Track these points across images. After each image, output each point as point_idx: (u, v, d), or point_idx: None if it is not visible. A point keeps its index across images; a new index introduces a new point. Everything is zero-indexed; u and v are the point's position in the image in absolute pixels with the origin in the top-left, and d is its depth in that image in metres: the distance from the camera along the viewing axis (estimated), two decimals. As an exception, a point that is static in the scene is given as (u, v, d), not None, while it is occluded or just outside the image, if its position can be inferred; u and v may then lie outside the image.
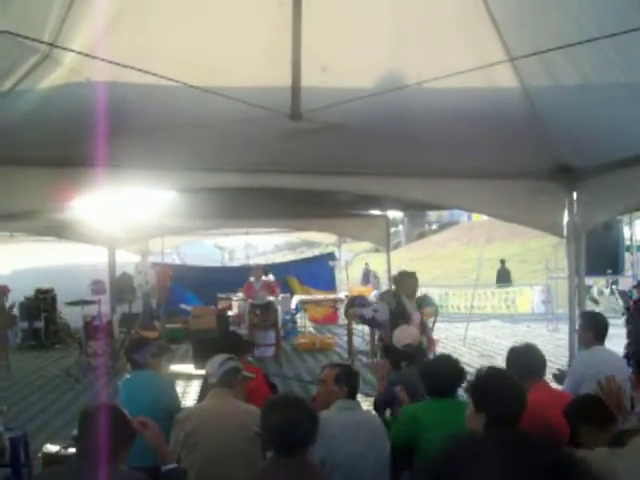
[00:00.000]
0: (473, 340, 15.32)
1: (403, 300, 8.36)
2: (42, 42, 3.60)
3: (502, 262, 26.68)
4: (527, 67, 4.21)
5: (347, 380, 4.30)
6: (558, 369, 5.30)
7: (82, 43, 3.65)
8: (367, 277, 25.55)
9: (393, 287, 9.35)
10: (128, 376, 5.32)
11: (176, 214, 11.86)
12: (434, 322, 12.62)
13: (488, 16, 3.84)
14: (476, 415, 3.11)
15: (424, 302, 12.82)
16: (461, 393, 4.38)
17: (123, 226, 12.29)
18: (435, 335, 12.84)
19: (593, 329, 5.50)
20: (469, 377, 4.38)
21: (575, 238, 6.42)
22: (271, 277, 15.51)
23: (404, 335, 5.94)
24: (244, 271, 16.94)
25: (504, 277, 25.69)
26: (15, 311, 14.83)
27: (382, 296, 10.15)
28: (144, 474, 3.25)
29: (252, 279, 14.25)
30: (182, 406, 5.43)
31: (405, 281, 8.54)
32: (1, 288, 14.65)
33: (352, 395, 4.30)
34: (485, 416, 3.05)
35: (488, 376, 3.35)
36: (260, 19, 3.83)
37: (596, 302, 19.04)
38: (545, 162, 6.06)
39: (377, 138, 5.25)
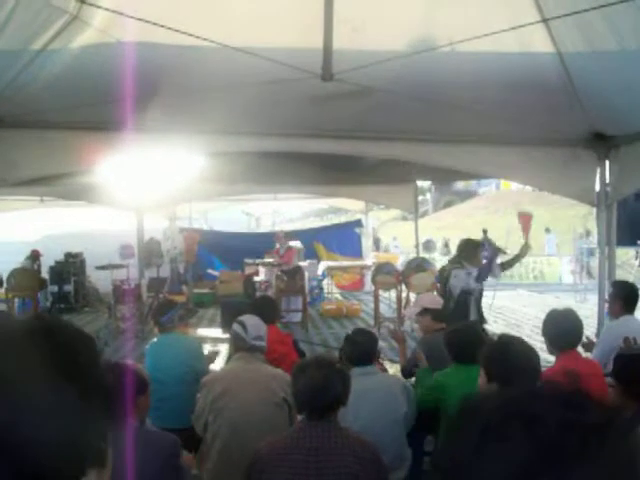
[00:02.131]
0: (500, 309, 15.25)
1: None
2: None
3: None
4: (562, 30, 4.10)
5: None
6: (587, 337, 5.22)
7: (111, 2, 3.62)
8: (377, 244, 25.58)
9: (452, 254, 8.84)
10: (155, 339, 5.36)
11: (204, 179, 11.85)
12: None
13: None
14: (487, 385, 3.10)
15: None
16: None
17: (151, 191, 12.32)
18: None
19: (622, 298, 5.43)
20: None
21: (606, 207, 6.32)
22: (298, 243, 15.53)
23: (437, 297, 5.96)
24: (271, 237, 16.98)
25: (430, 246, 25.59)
26: (45, 274, 15.03)
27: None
28: (175, 436, 3.28)
29: (278, 245, 14.31)
30: (209, 369, 5.47)
31: (473, 251, 7.79)
32: (33, 252, 14.86)
33: (360, 361, 4.31)
34: (496, 386, 3.02)
35: (501, 345, 3.32)
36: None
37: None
38: (579, 129, 5.95)
39: (407, 102, 5.18)
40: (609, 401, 3.66)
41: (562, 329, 4.44)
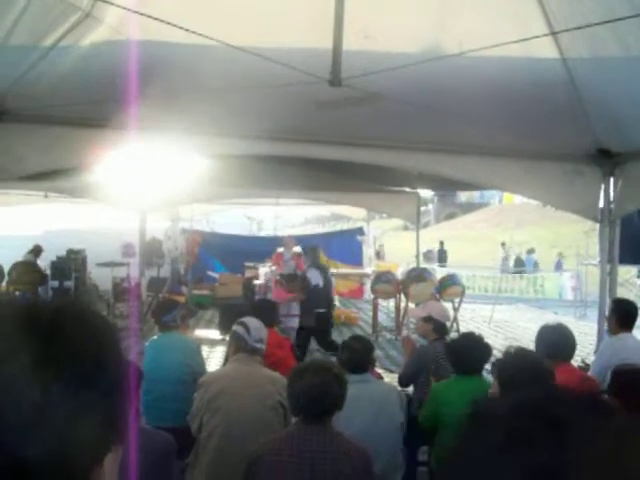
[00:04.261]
0: (498, 322, 15.24)
1: None
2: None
3: (441, 243, 26.65)
4: (569, 39, 4.10)
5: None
6: (583, 361, 5.24)
7: (124, 1, 3.64)
8: (379, 254, 25.57)
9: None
10: (155, 337, 5.36)
11: (207, 181, 11.86)
12: (460, 302, 12.61)
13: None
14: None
15: (450, 281, 12.85)
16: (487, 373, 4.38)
17: (155, 191, 12.34)
18: (460, 315, 12.85)
19: (620, 315, 5.43)
20: (494, 357, 4.37)
21: (609, 223, 6.32)
22: (299, 249, 15.53)
23: (447, 311, 5.98)
24: (272, 242, 16.98)
25: (443, 257, 25.64)
26: (46, 270, 15.03)
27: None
28: (169, 435, 3.28)
29: (282, 250, 14.26)
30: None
31: None
32: (35, 247, 14.88)
33: (356, 369, 4.31)
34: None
35: (516, 357, 3.32)
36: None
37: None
38: (584, 145, 5.96)
39: (413, 111, 5.18)
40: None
41: (552, 343, 4.45)
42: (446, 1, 3.87)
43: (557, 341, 4.47)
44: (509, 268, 28.57)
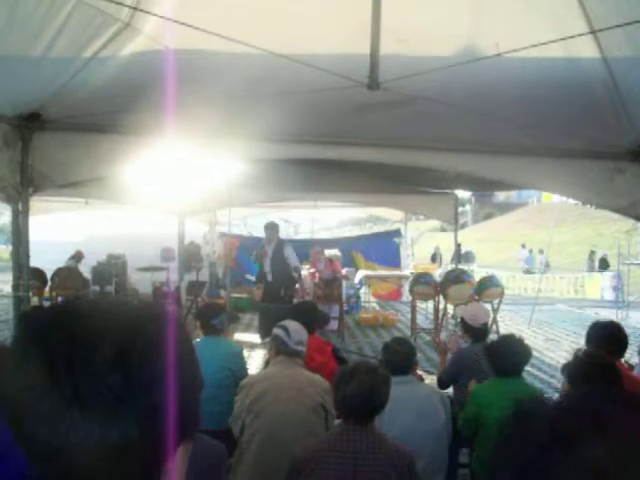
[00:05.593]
0: (538, 323, 15.09)
1: None
2: (124, 5, 3.65)
3: (458, 245, 26.50)
4: (609, 37, 4.05)
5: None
6: (626, 361, 5.16)
7: (162, 10, 3.69)
8: (435, 258, 25.46)
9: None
10: (199, 340, 5.41)
11: (245, 185, 11.96)
12: (499, 303, 12.51)
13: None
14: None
15: (490, 283, 12.75)
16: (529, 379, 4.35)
17: (193, 196, 12.48)
18: (500, 317, 12.75)
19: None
20: (535, 362, 4.32)
21: (652, 222, 6.24)
22: (336, 252, 15.54)
23: (481, 314, 5.89)
24: (309, 245, 17.02)
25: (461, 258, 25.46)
26: (87, 275, 15.27)
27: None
28: (222, 444, 3.29)
29: (313, 256, 14.35)
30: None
31: None
32: (77, 252, 15.13)
33: (399, 370, 4.31)
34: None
35: (586, 359, 3.32)
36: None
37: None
38: (625, 142, 5.88)
39: (450, 112, 5.17)
40: None
41: (604, 339, 4.39)
42: (481, 2, 3.85)
43: (610, 338, 4.41)
44: (532, 268, 28.49)
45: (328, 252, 15.14)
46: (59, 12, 3.58)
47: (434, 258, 25.51)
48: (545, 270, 28.15)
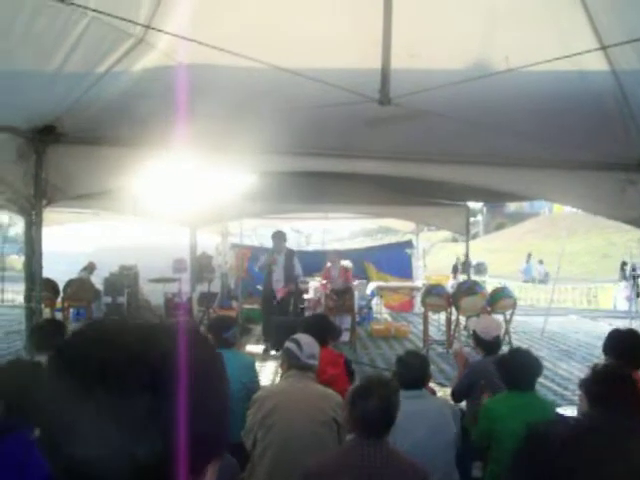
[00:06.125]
0: (551, 334, 15.00)
1: None
2: (137, 24, 3.68)
3: (465, 255, 26.38)
4: (618, 50, 4.05)
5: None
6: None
7: (175, 26, 3.73)
8: (456, 269, 25.30)
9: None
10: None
11: (256, 197, 12.00)
12: (512, 315, 12.45)
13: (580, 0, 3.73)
14: (590, 409, 3.07)
15: (502, 294, 12.70)
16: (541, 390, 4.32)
17: (204, 207, 12.51)
18: (512, 328, 12.70)
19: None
20: (548, 373, 4.29)
21: (664, 233, 6.21)
22: (348, 263, 15.51)
23: (493, 326, 5.86)
24: (320, 255, 17.00)
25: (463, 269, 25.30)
26: (99, 286, 15.32)
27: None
28: (234, 459, 3.29)
29: (329, 264, 14.28)
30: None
31: None
32: (89, 264, 15.20)
33: (412, 384, 4.30)
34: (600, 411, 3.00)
35: (604, 372, 3.29)
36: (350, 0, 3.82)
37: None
38: (635, 153, 5.86)
39: (461, 125, 5.18)
40: None
41: (622, 349, 4.34)
42: (491, 18, 3.86)
43: (630, 348, 4.36)
44: (529, 279, 28.47)
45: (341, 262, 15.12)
46: (74, 28, 3.62)
47: (455, 269, 25.31)
48: (545, 280, 28.15)
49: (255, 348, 11.61)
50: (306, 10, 3.83)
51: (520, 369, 4.43)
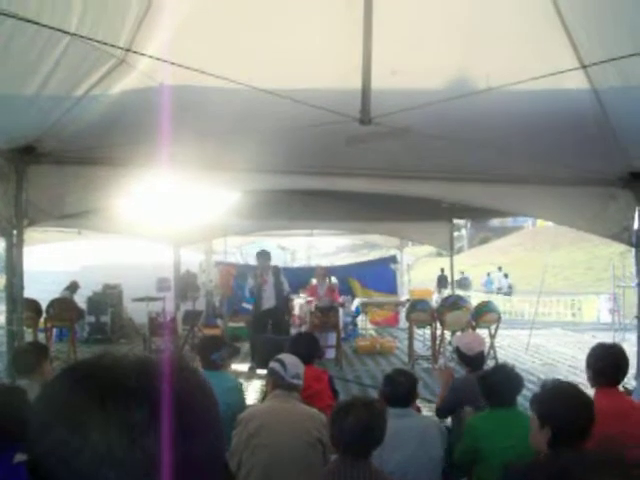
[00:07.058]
0: (536, 348, 15.04)
1: None
2: (118, 47, 3.68)
3: (442, 270, 26.51)
4: (597, 68, 4.09)
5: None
6: (623, 386, 5.09)
7: (156, 48, 3.73)
8: (442, 282, 25.34)
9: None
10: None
11: (240, 214, 11.99)
12: (496, 329, 12.48)
13: (559, 19, 3.76)
14: (540, 430, 3.05)
15: (486, 308, 12.73)
16: (525, 405, 4.31)
17: (188, 225, 12.48)
18: (497, 342, 12.71)
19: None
20: (533, 387, 4.29)
21: (645, 247, 6.26)
22: (333, 280, 15.50)
23: (476, 342, 5.86)
24: (306, 272, 17.01)
25: (443, 283, 25.36)
26: (83, 305, 15.21)
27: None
28: None
29: (315, 281, 14.27)
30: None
31: None
32: (72, 283, 15.09)
33: (399, 403, 4.29)
34: (550, 431, 2.99)
35: (554, 389, 3.27)
36: (329, 20, 3.84)
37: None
38: (616, 169, 5.92)
39: (442, 142, 5.21)
40: None
41: (605, 365, 4.33)
42: (472, 37, 3.89)
43: (610, 363, 4.33)
44: (490, 291, 28.74)
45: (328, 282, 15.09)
46: (55, 48, 3.60)
47: (440, 282, 25.33)
48: (509, 292, 28.33)
49: (240, 367, 11.56)
50: (286, 31, 3.84)
51: (501, 386, 4.42)
